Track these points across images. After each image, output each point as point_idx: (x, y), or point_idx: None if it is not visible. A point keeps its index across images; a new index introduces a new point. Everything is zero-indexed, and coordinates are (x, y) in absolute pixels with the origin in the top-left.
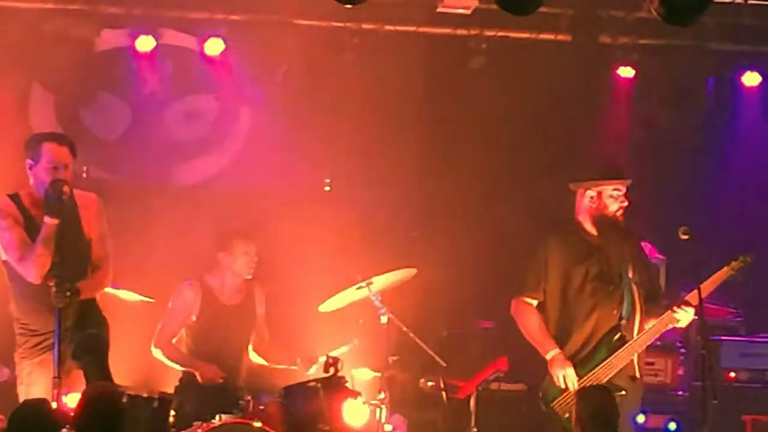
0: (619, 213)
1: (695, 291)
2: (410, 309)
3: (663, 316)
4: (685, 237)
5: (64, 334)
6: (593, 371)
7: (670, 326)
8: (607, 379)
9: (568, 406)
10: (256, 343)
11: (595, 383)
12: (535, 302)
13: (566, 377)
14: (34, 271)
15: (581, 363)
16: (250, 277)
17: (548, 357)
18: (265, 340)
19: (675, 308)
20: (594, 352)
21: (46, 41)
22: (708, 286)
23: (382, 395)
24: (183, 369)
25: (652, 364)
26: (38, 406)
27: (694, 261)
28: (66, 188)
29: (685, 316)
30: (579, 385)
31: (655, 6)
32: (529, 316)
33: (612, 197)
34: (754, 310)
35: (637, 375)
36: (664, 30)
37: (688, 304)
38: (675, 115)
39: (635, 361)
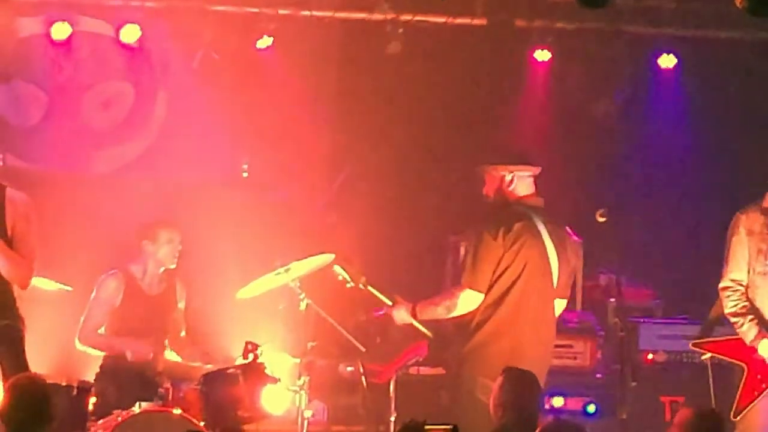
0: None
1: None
2: (329, 294)
3: None
4: (602, 219)
5: None
6: None
7: None
8: None
9: None
10: (171, 338)
11: None
12: None
13: None
14: None
15: None
16: (173, 266)
17: None
18: (180, 336)
19: None
20: None
21: None
22: None
23: (301, 381)
24: (110, 355)
25: (570, 347)
26: (34, 378)
27: (611, 243)
28: None
29: None
30: None
31: None
32: None
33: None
34: (671, 292)
35: None
36: (580, 13)
37: None
38: (592, 98)
39: None
